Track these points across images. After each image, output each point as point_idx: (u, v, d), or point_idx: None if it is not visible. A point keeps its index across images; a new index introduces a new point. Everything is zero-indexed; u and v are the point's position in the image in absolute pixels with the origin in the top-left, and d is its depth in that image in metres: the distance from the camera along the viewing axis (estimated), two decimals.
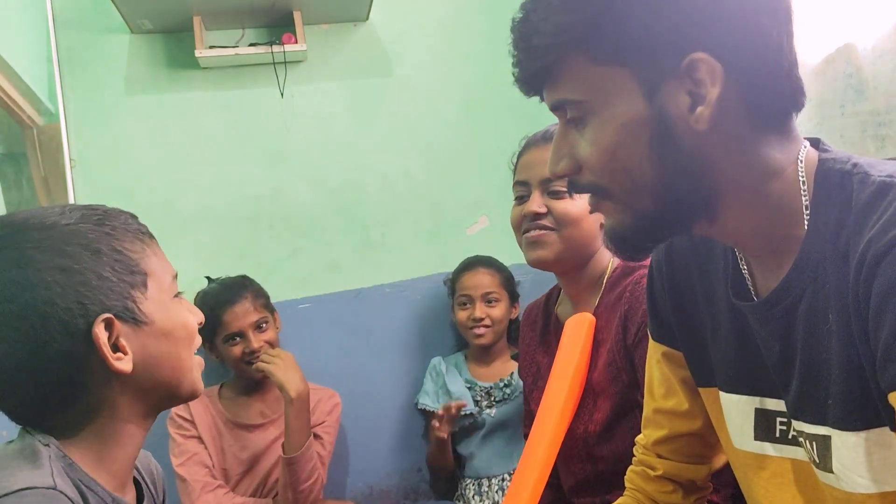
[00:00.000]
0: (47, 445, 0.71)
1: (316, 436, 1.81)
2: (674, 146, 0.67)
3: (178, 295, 0.81)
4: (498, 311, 1.95)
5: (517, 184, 1.28)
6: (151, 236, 0.81)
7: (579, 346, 1.21)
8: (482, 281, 1.96)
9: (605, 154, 0.69)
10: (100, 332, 0.71)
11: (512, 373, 1.93)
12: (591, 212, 1.22)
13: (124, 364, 0.73)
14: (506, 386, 1.93)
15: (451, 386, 1.97)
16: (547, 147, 1.23)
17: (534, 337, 1.39)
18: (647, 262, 1.19)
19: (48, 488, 0.65)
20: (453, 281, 2.03)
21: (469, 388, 1.95)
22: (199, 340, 0.83)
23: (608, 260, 1.27)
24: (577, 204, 1.21)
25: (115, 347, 0.73)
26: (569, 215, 1.21)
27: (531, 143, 1.28)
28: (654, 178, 0.68)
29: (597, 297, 1.25)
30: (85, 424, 0.74)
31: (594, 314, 1.24)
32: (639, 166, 0.68)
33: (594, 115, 0.69)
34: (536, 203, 1.22)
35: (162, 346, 0.76)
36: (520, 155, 1.30)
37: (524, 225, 1.24)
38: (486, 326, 1.93)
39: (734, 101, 0.66)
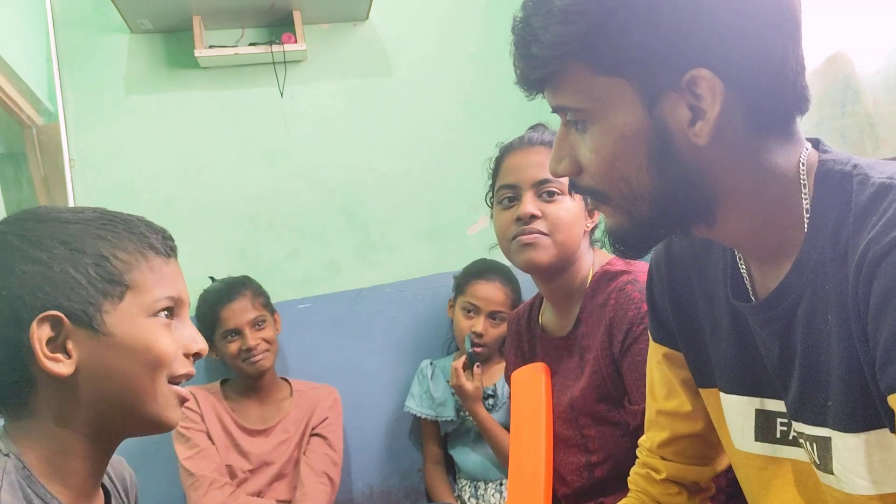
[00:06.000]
0: (7, 455, 0.70)
1: (322, 436, 1.80)
2: (673, 157, 0.66)
3: (165, 315, 0.76)
4: (500, 330, 1.84)
5: (504, 187, 1.25)
6: (168, 254, 0.78)
7: (542, 399, 1.20)
8: (495, 296, 1.85)
9: (605, 163, 0.69)
10: (35, 327, 0.70)
11: (496, 382, 1.88)
12: (590, 210, 1.21)
13: (59, 367, 0.70)
14: (490, 396, 1.87)
15: (435, 392, 1.95)
16: (532, 150, 1.22)
17: (521, 346, 1.39)
18: (629, 267, 1.20)
19: None
20: (463, 281, 1.92)
21: (453, 394, 1.92)
22: (181, 370, 0.77)
23: (589, 265, 1.26)
24: (568, 207, 1.21)
25: (63, 348, 0.71)
26: (562, 220, 1.20)
27: (514, 147, 1.26)
28: (653, 187, 0.68)
29: (579, 303, 1.24)
30: (33, 419, 0.73)
31: (577, 319, 1.24)
32: (637, 175, 0.68)
33: (594, 124, 0.69)
34: (531, 205, 1.20)
35: (116, 362, 0.72)
36: (501, 159, 1.27)
37: (515, 229, 1.21)
38: (484, 345, 1.85)
39: (736, 114, 0.65)
